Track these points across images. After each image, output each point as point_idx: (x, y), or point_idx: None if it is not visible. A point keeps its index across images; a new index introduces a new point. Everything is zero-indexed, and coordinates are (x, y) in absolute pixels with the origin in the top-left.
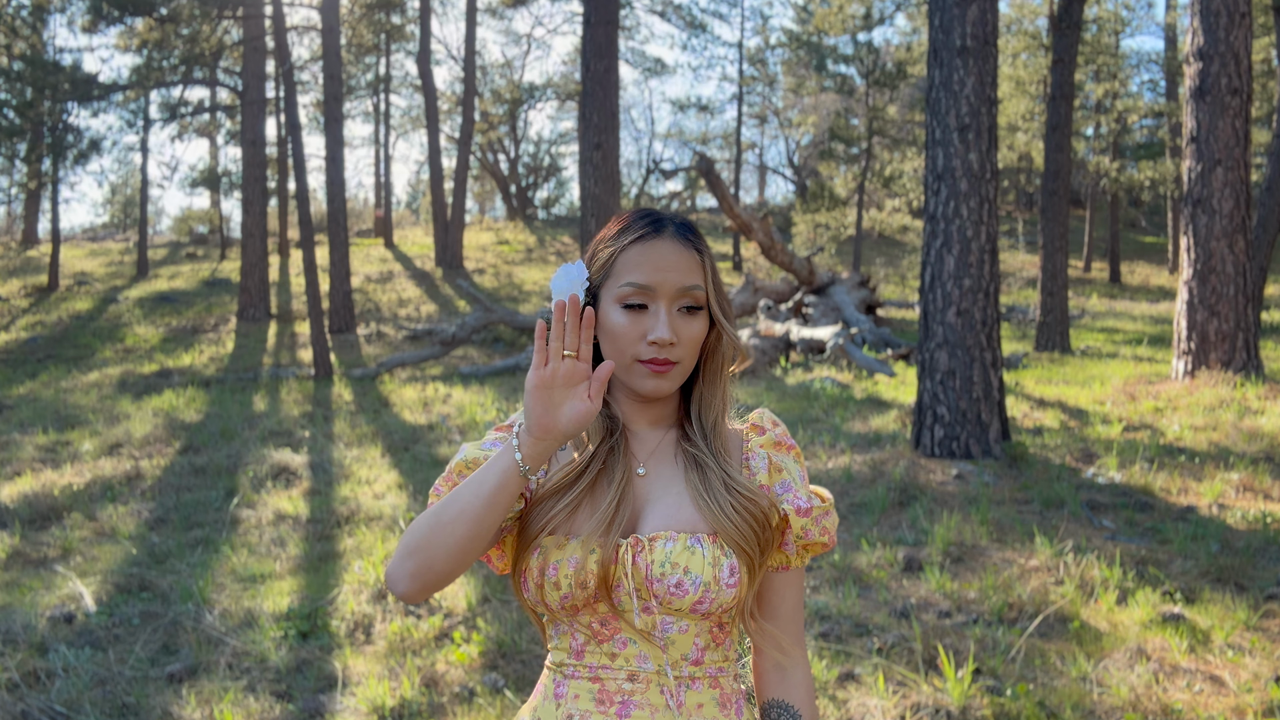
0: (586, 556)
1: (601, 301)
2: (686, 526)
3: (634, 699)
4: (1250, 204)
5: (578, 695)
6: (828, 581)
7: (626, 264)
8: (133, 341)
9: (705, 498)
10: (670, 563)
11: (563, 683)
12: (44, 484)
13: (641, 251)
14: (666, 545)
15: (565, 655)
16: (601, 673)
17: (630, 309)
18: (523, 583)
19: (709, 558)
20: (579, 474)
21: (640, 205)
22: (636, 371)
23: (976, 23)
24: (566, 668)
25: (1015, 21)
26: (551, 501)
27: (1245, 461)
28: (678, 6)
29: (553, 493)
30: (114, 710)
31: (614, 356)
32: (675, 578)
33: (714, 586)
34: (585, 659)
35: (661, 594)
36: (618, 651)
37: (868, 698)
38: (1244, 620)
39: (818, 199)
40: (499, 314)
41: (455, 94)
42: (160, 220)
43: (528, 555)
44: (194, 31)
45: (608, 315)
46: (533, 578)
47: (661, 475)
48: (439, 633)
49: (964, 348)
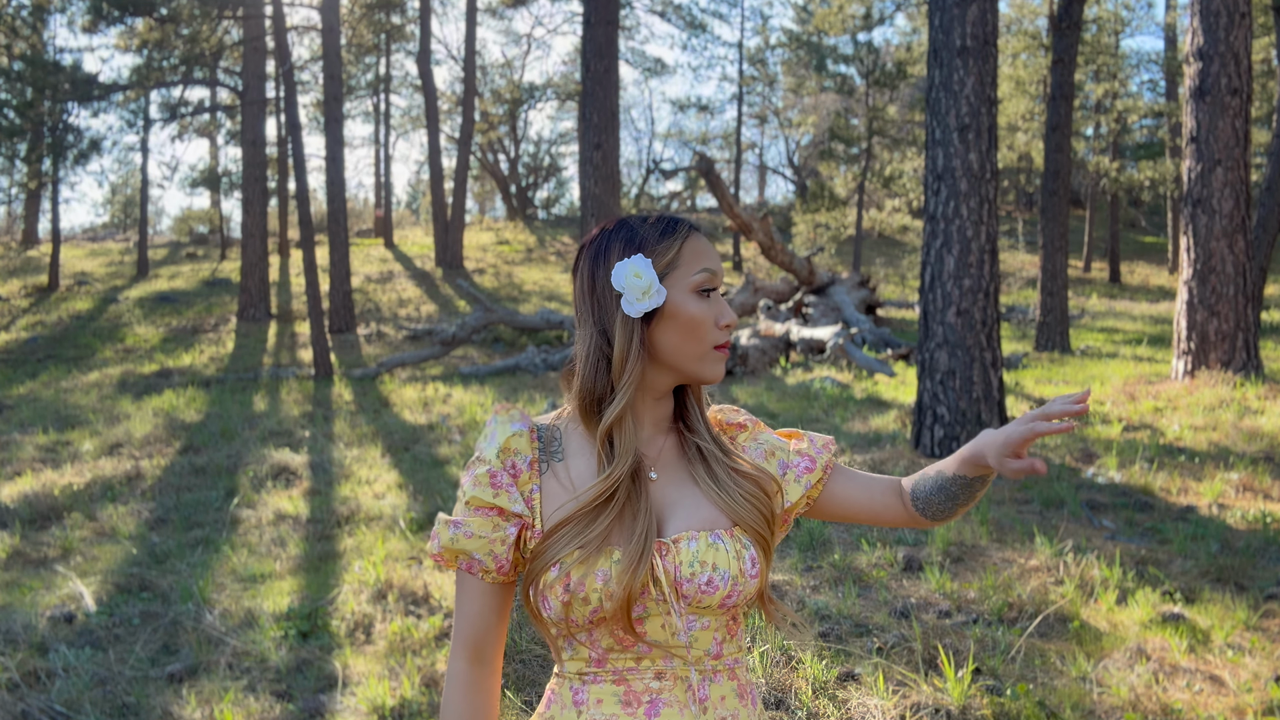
0: (614, 568)
1: (673, 292)
2: (705, 524)
3: (661, 697)
4: (1250, 204)
5: (601, 700)
6: (828, 581)
7: (693, 253)
8: (133, 341)
9: (718, 491)
10: (699, 561)
11: (582, 689)
12: (44, 484)
13: (698, 240)
14: (691, 545)
15: (584, 664)
16: (627, 674)
17: (703, 295)
18: (543, 601)
19: (732, 551)
20: (608, 498)
21: (640, 205)
22: (711, 358)
23: (976, 23)
24: (587, 675)
25: (1015, 21)
26: (579, 527)
27: (1245, 461)
28: (678, 6)
29: (580, 517)
30: (114, 710)
31: (693, 347)
32: (706, 575)
33: (741, 579)
34: (608, 664)
35: (692, 594)
36: (643, 654)
37: (868, 697)
38: (1244, 620)
39: (818, 199)
40: (499, 314)
41: (455, 94)
42: (160, 220)
43: (544, 573)
44: (194, 31)
45: (685, 305)
46: (556, 595)
47: (673, 478)
48: (439, 632)
49: (964, 348)
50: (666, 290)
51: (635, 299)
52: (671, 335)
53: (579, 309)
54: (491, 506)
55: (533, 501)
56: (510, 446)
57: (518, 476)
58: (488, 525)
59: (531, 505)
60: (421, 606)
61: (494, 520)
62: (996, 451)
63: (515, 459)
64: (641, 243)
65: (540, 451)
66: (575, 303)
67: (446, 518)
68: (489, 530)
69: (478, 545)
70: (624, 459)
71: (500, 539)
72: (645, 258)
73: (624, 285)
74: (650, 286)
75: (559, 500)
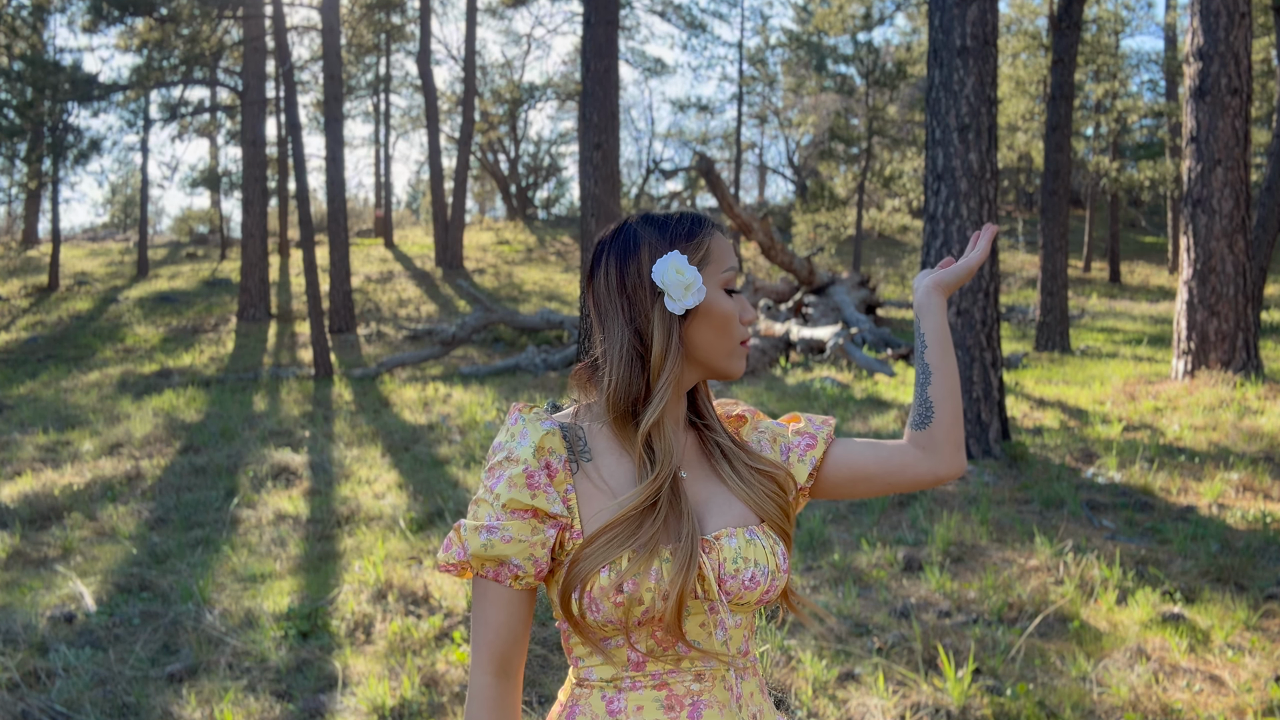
0: (664, 567)
1: (708, 289)
2: (739, 520)
3: (703, 699)
4: (1250, 204)
5: (641, 707)
6: (828, 581)
7: (720, 251)
8: (133, 341)
9: (744, 487)
10: (741, 558)
11: (618, 697)
12: (44, 484)
13: (721, 238)
14: (731, 542)
15: (619, 669)
16: (668, 678)
17: (730, 292)
18: (591, 605)
19: (767, 547)
20: (655, 499)
21: (640, 205)
22: (738, 354)
23: (976, 23)
24: (623, 680)
25: (1015, 21)
26: (628, 529)
27: (1245, 461)
28: (678, 6)
29: (627, 521)
30: (114, 710)
31: (724, 343)
32: (749, 572)
33: (777, 575)
34: (648, 668)
35: (735, 590)
36: (682, 655)
37: (868, 697)
38: (1244, 620)
39: (818, 199)
40: (499, 314)
41: (455, 94)
42: (160, 220)
43: (593, 576)
44: (194, 31)
45: (718, 302)
46: (609, 598)
47: (699, 475)
48: (439, 632)
49: (964, 348)
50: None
51: (679, 295)
52: (706, 332)
53: (603, 308)
54: (529, 509)
55: (570, 502)
56: (545, 445)
57: (554, 476)
58: (526, 528)
59: (569, 505)
60: (421, 606)
61: (532, 523)
62: (925, 287)
63: (550, 458)
64: (673, 239)
65: (569, 451)
66: (597, 302)
67: (472, 524)
68: (528, 534)
69: (517, 550)
70: (666, 463)
71: (540, 542)
72: (681, 254)
73: (666, 281)
74: (694, 283)
75: (596, 502)
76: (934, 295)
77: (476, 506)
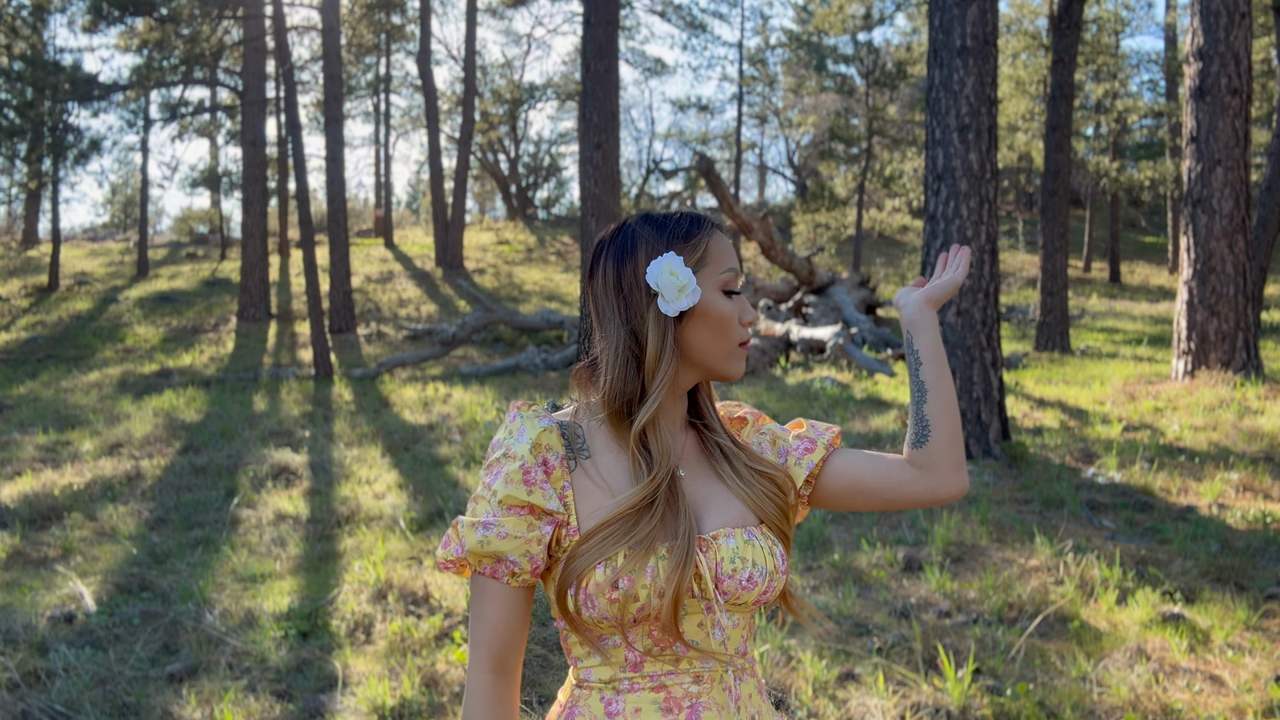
0: (660, 564)
1: (704, 290)
2: (738, 520)
3: (701, 700)
4: (1250, 204)
5: (639, 709)
6: (828, 581)
7: (719, 252)
8: (133, 341)
9: (744, 487)
10: (739, 558)
11: (616, 699)
12: (44, 484)
13: (721, 238)
14: (729, 542)
15: (618, 670)
16: (666, 680)
17: (729, 294)
18: (587, 601)
19: (765, 548)
20: (652, 498)
21: (641, 205)
22: (736, 355)
23: (976, 23)
24: (621, 682)
25: (1015, 21)
26: (624, 526)
27: (1245, 461)
28: (678, 6)
29: (624, 518)
30: (114, 710)
31: (723, 345)
32: (747, 572)
33: (775, 575)
34: (645, 669)
35: (732, 590)
36: (680, 655)
37: (868, 697)
38: (1244, 620)
39: (818, 199)
40: (499, 314)
41: (455, 94)
42: (160, 220)
43: (589, 573)
44: (194, 31)
45: (715, 303)
46: (605, 594)
47: (698, 474)
48: (439, 632)
49: (964, 348)
50: (701, 286)
51: (672, 297)
52: (702, 333)
53: (601, 308)
54: (525, 505)
55: (566, 498)
56: (542, 442)
57: (550, 473)
58: (522, 525)
59: (565, 502)
60: (421, 606)
61: (528, 519)
62: (915, 303)
63: (548, 455)
64: (670, 240)
65: (567, 448)
66: (595, 302)
67: (469, 520)
68: (524, 530)
69: (513, 546)
70: (664, 463)
71: (536, 538)
72: (677, 255)
73: (660, 283)
74: (687, 285)
75: (594, 499)
76: (926, 311)
77: (475, 503)
